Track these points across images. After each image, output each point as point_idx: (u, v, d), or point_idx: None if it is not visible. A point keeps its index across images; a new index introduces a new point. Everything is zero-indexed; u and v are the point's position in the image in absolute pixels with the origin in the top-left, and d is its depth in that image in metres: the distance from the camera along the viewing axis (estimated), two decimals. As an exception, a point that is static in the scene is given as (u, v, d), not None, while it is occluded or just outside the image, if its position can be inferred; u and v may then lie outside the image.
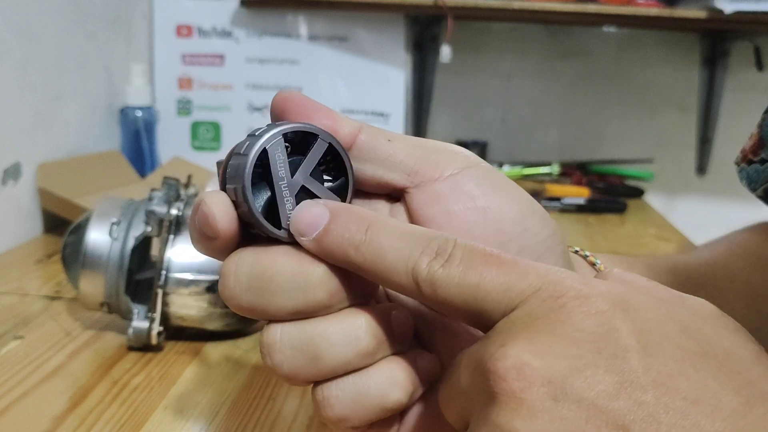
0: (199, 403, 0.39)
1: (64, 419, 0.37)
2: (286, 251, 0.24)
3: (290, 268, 0.24)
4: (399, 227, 0.24)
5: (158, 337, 0.45)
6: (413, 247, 0.23)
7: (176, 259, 0.45)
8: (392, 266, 0.23)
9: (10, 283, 0.58)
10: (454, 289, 0.22)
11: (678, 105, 1.18)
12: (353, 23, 1.10)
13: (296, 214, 0.24)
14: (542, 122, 1.23)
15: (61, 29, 0.77)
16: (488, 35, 1.20)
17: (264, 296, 0.24)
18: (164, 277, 0.44)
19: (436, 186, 0.27)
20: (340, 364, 0.24)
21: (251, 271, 0.24)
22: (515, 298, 0.21)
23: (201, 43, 1.07)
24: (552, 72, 1.21)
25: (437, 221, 0.26)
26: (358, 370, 0.24)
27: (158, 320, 0.44)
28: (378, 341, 0.24)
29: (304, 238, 0.24)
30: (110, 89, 0.90)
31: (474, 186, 0.27)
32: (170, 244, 0.45)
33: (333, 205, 0.25)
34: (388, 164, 0.27)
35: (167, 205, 0.45)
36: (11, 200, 0.69)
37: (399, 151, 0.27)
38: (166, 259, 0.44)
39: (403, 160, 0.27)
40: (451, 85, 1.19)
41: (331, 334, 0.24)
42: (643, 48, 1.20)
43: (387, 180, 0.27)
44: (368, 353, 0.24)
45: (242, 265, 0.24)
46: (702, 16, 1.01)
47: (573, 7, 1.03)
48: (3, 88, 0.67)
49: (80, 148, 0.82)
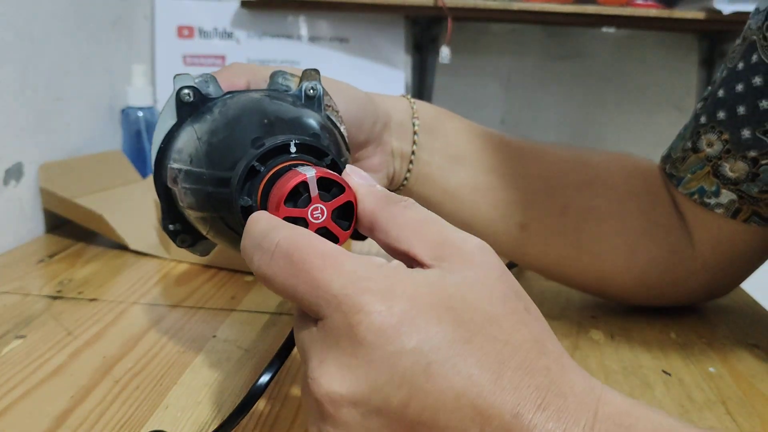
0: (200, 402, 0.40)
1: (66, 418, 0.37)
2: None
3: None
4: (254, 223, 0.28)
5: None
6: (250, 244, 0.27)
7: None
8: (240, 255, 0.27)
9: (12, 282, 0.58)
10: (277, 285, 0.26)
11: (677, 106, 1.18)
12: (353, 24, 1.10)
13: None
14: (541, 123, 1.23)
15: (62, 30, 0.77)
16: (487, 36, 1.21)
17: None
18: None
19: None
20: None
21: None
22: (323, 307, 0.25)
23: (202, 44, 1.07)
24: (551, 73, 1.22)
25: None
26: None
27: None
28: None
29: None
30: (112, 90, 0.91)
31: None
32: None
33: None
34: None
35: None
36: (13, 200, 0.69)
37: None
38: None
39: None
40: (450, 86, 1.19)
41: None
42: (642, 49, 1.20)
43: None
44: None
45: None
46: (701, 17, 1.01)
47: (572, 8, 1.04)
48: (5, 89, 0.67)
49: (82, 148, 0.82)
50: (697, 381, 0.45)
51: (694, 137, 0.52)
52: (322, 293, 0.25)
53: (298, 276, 0.25)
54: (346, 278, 0.25)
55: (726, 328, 0.55)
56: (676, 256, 0.53)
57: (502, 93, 1.23)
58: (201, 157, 0.33)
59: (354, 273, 0.25)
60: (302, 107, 0.36)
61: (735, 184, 0.49)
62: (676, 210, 0.54)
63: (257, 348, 0.47)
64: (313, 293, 0.25)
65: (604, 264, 0.53)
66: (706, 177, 0.51)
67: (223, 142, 0.33)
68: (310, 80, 0.37)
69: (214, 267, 0.63)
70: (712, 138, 0.50)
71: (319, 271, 0.25)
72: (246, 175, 0.31)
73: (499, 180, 0.52)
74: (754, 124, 0.47)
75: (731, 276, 0.55)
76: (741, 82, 0.48)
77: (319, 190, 0.29)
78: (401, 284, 0.25)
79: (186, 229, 0.38)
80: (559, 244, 0.53)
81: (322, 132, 0.34)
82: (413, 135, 0.50)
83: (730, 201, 0.50)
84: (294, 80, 0.38)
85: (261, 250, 0.26)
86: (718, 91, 0.51)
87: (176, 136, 0.36)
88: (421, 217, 0.28)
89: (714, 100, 0.51)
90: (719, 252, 0.53)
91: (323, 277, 0.25)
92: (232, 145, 0.32)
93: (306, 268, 0.25)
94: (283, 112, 0.34)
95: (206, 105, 0.36)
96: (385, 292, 0.24)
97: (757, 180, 0.48)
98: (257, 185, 0.31)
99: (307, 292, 0.25)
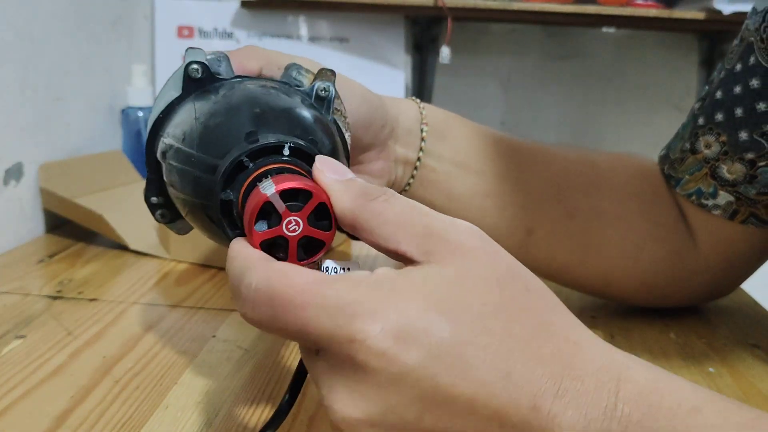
0: (200, 402, 0.40)
1: (66, 418, 0.37)
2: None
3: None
4: (235, 262, 0.27)
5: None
6: (232, 279, 0.27)
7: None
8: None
9: (12, 282, 0.58)
10: (267, 330, 0.26)
11: (677, 106, 1.18)
12: (353, 24, 1.10)
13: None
14: (541, 123, 1.23)
15: (62, 30, 0.77)
16: (487, 36, 1.21)
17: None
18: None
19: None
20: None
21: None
22: (316, 341, 0.25)
23: (202, 44, 1.07)
24: (551, 73, 1.22)
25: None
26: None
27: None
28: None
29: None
30: (112, 90, 0.91)
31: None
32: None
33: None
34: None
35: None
36: (13, 200, 0.69)
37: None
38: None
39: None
40: (450, 86, 1.19)
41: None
42: (642, 49, 1.20)
43: None
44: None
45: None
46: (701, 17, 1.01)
47: (572, 8, 1.04)
48: (5, 89, 0.67)
49: (82, 148, 0.82)
50: (697, 381, 0.45)
51: (692, 138, 0.52)
52: (312, 330, 0.24)
53: (286, 318, 0.24)
54: (332, 309, 0.24)
55: (726, 328, 0.55)
56: (679, 257, 0.53)
57: (502, 93, 1.23)
58: (194, 138, 0.33)
59: (338, 300, 0.24)
60: (309, 107, 0.35)
61: (733, 185, 0.49)
62: (678, 210, 0.54)
63: (257, 348, 0.47)
64: (303, 332, 0.24)
65: (610, 266, 0.53)
66: (704, 178, 0.51)
67: (219, 127, 0.32)
68: (324, 80, 0.36)
69: (214, 267, 0.63)
70: (710, 139, 0.50)
71: (303, 310, 0.24)
72: (233, 168, 0.30)
73: (507, 186, 0.52)
74: (751, 126, 0.47)
75: (731, 277, 0.56)
76: (739, 84, 0.48)
77: (288, 201, 0.28)
78: (389, 299, 0.24)
79: (167, 204, 0.37)
80: (566, 248, 0.53)
81: (324, 137, 0.33)
82: (420, 141, 0.49)
83: (727, 203, 0.50)
84: (308, 76, 0.37)
85: (241, 298, 0.26)
86: (717, 92, 0.51)
87: (176, 110, 0.35)
88: (402, 209, 0.27)
89: (712, 101, 0.51)
90: (719, 253, 0.53)
91: (309, 315, 0.24)
92: (226, 132, 0.32)
93: (290, 309, 0.24)
94: (287, 109, 0.33)
95: (213, 84, 0.35)
96: (374, 312, 0.24)
97: (755, 182, 0.48)
98: (242, 182, 0.30)
99: (297, 332, 0.25)
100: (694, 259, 0.53)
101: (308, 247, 0.29)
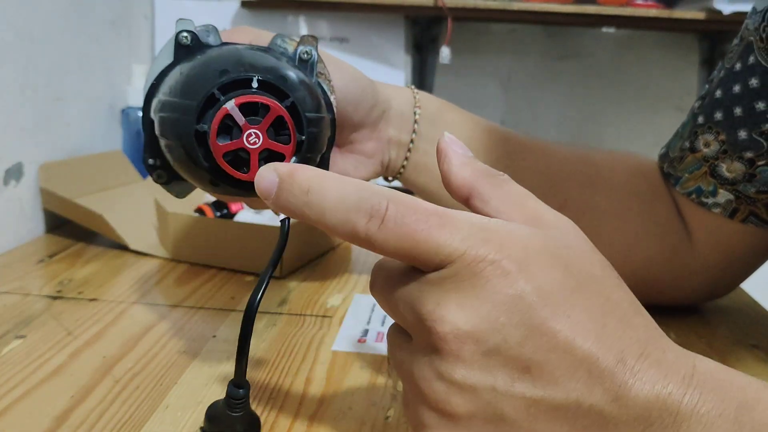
0: (200, 402, 0.40)
1: (66, 418, 0.37)
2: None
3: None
4: (339, 186, 0.27)
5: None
6: (349, 209, 0.27)
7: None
8: (334, 226, 0.27)
9: (12, 282, 0.58)
10: (390, 248, 0.27)
11: (677, 106, 1.18)
12: (353, 24, 1.10)
13: (257, 179, 0.29)
14: (541, 123, 1.23)
15: (62, 30, 0.77)
16: (487, 36, 1.21)
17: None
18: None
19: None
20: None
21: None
22: (444, 259, 0.26)
23: (202, 44, 1.07)
24: (551, 73, 1.22)
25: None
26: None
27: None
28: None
29: (267, 201, 0.29)
30: (112, 90, 0.91)
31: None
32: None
33: (282, 169, 0.28)
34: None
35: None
36: (13, 200, 0.69)
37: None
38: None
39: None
40: (450, 86, 1.20)
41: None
42: (642, 49, 1.20)
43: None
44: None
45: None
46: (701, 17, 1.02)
47: (572, 8, 1.04)
48: (5, 89, 0.67)
49: (82, 148, 0.82)
50: (697, 381, 0.45)
51: (691, 137, 0.52)
52: (443, 248, 0.26)
53: (416, 236, 0.26)
54: (466, 232, 0.26)
55: (726, 328, 0.55)
56: (676, 255, 0.53)
57: (502, 93, 1.23)
58: (177, 88, 0.35)
59: (471, 226, 0.26)
60: (293, 68, 0.36)
61: (732, 184, 0.49)
62: (676, 210, 0.54)
63: (257, 348, 0.47)
64: (432, 250, 0.26)
65: None
66: (703, 177, 0.51)
67: (198, 74, 0.34)
68: (306, 45, 0.38)
69: (214, 267, 0.63)
70: (709, 138, 0.50)
71: (437, 229, 0.26)
72: (205, 102, 0.33)
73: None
74: (750, 126, 0.47)
75: (731, 276, 0.56)
76: (738, 83, 0.48)
77: (247, 116, 0.31)
78: (513, 235, 0.27)
79: (163, 165, 0.39)
80: None
81: (308, 96, 0.35)
82: (413, 124, 0.51)
83: (727, 201, 0.50)
84: (292, 44, 0.39)
85: (368, 215, 0.27)
86: (716, 91, 0.51)
87: (168, 74, 0.37)
88: (519, 191, 0.30)
89: (711, 100, 0.51)
90: (718, 252, 0.53)
91: (442, 233, 0.26)
92: (203, 77, 0.34)
93: (423, 227, 0.26)
94: (263, 62, 0.35)
95: (201, 50, 0.37)
96: (502, 242, 0.26)
97: (754, 181, 0.48)
98: (215, 113, 0.32)
99: (426, 250, 0.26)
100: (691, 257, 0.53)
101: (270, 160, 0.31)
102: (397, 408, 0.40)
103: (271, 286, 0.59)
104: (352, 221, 0.27)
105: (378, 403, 0.40)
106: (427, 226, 0.26)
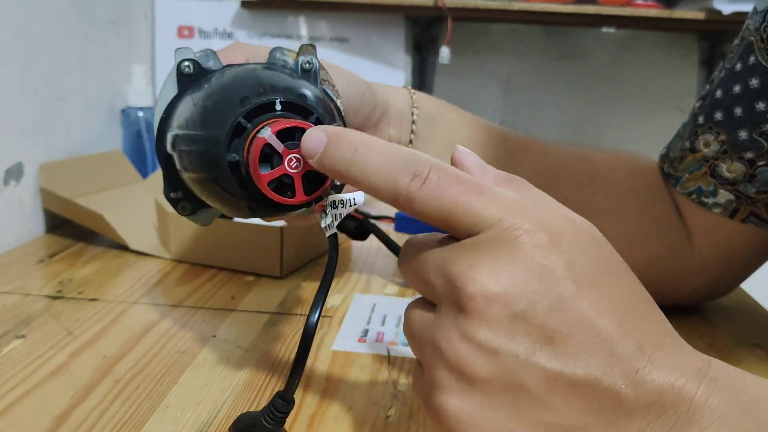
0: (200, 402, 0.40)
1: (66, 418, 0.37)
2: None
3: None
4: (384, 148, 0.29)
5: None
6: (392, 169, 0.28)
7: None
8: (376, 184, 0.28)
9: (12, 282, 0.58)
10: (428, 208, 0.27)
11: (677, 106, 1.18)
12: (353, 24, 1.10)
13: (304, 138, 0.30)
14: (541, 123, 1.23)
15: (62, 30, 0.77)
16: (487, 37, 1.21)
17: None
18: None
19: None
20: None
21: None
22: (481, 223, 0.27)
23: (202, 44, 1.07)
24: (551, 73, 1.22)
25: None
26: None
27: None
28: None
29: (311, 160, 0.30)
30: (112, 90, 0.91)
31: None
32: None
33: (331, 129, 0.30)
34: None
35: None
36: (13, 200, 0.69)
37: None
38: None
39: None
40: (450, 86, 1.20)
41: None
42: (642, 49, 1.20)
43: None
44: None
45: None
46: (701, 17, 1.02)
47: (572, 8, 1.04)
48: (5, 89, 0.67)
49: (82, 148, 0.82)
50: (697, 381, 0.45)
51: (691, 137, 0.52)
52: (482, 213, 0.27)
53: (456, 198, 0.27)
54: (504, 202, 0.27)
55: (726, 328, 0.55)
56: (675, 255, 0.53)
57: (502, 93, 1.23)
58: (196, 120, 0.35)
59: (509, 199, 0.27)
60: (298, 79, 0.36)
61: (732, 184, 0.49)
62: (676, 210, 0.54)
63: (257, 348, 0.47)
64: (470, 214, 0.27)
65: None
66: (703, 177, 0.51)
67: (216, 104, 0.34)
68: (306, 54, 0.38)
69: (214, 267, 0.63)
70: (710, 138, 0.50)
71: (477, 195, 0.27)
72: (233, 132, 0.33)
73: None
74: (750, 126, 0.47)
75: (731, 276, 0.56)
76: (738, 84, 0.48)
77: (285, 141, 0.31)
78: (549, 212, 0.28)
79: (186, 197, 0.39)
80: None
81: (315, 101, 0.35)
82: (411, 125, 0.51)
83: (727, 201, 0.50)
84: (291, 55, 0.39)
85: (411, 175, 0.27)
86: (716, 91, 0.51)
87: (176, 106, 0.37)
88: (538, 193, 0.30)
89: (712, 100, 0.51)
90: (718, 252, 0.53)
91: (481, 200, 0.27)
92: (223, 106, 0.34)
93: (463, 191, 0.27)
94: (276, 81, 0.35)
95: (206, 77, 0.37)
96: (538, 214, 0.27)
97: (754, 181, 0.48)
98: (244, 141, 0.32)
99: (464, 213, 0.27)
100: (690, 257, 0.53)
101: (313, 181, 0.32)
102: (398, 407, 0.40)
103: (270, 286, 0.59)
104: (395, 180, 0.28)
105: (378, 402, 0.40)
106: (467, 191, 0.27)
